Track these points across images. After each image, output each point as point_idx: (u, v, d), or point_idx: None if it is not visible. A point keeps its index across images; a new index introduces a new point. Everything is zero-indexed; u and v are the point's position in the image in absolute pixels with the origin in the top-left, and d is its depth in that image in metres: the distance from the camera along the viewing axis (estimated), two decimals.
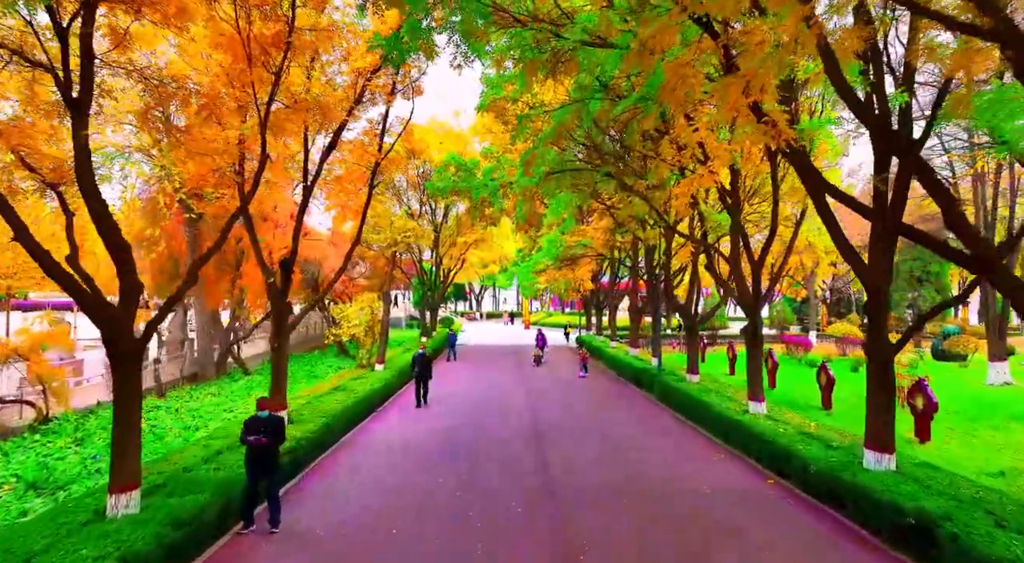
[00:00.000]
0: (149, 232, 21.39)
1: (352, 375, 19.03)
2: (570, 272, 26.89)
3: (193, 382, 21.34)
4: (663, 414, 16.30)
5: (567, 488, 9.62)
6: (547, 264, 24.24)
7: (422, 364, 16.65)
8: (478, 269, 62.39)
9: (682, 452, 12.14)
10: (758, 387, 13.33)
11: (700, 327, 20.95)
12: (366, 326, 20.83)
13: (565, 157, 14.97)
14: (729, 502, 9.02)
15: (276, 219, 19.44)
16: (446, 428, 13.69)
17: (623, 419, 14.96)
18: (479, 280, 69.32)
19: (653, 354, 22.86)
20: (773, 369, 21.03)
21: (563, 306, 71.72)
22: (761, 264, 12.70)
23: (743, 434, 12.07)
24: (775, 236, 12.39)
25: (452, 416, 15.03)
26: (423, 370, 16.66)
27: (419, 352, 16.77)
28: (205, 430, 14.66)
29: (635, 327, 26.66)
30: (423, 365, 16.66)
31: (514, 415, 15.24)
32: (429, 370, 16.84)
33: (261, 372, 24.47)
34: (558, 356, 31.53)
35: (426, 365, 16.72)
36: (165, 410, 16.35)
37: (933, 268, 40.14)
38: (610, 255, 24.58)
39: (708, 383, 17.56)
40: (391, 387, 18.49)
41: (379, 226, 21.09)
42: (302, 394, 15.67)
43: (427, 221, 36.91)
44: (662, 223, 15.38)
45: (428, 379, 16.72)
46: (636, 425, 14.43)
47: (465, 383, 20.39)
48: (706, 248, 14.81)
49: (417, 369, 16.63)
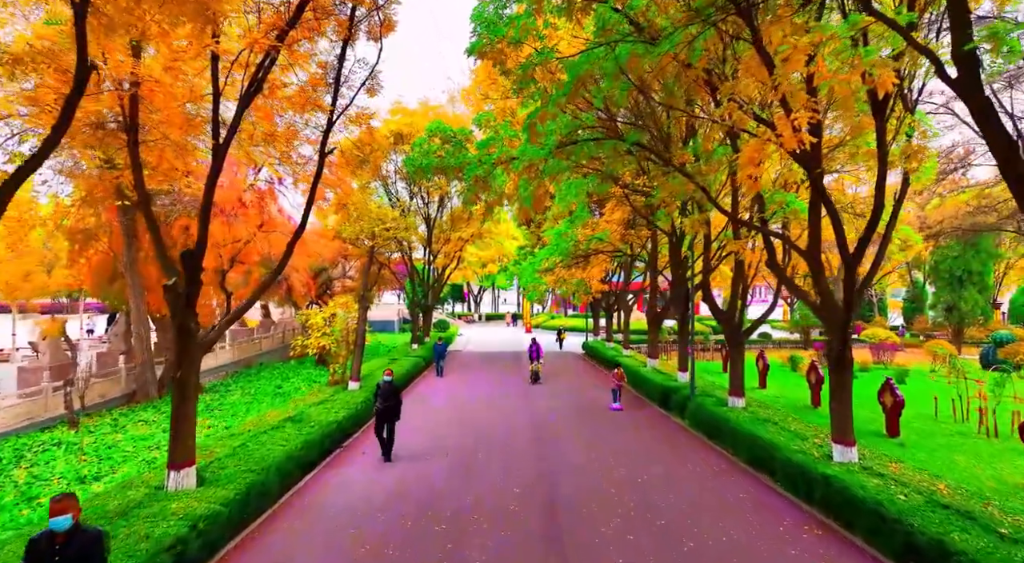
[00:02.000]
0: (83, 224, 17.93)
1: (318, 397, 15.55)
2: (580, 271, 23.39)
3: (130, 403, 17.81)
4: (705, 453, 12.78)
5: None
6: (555, 262, 20.69)
7: (386, 396, 11.58)
8: (476, 269, 59.00)
9: (755, 529, 8.56)
10: (847, 426, 9.84)
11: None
12: (339, 335, 17.38)
13: (584, 119, 11.49)
14: None
15: (225, 206, 15.95)
16: (420, 501, 9.54)
17: (661, 472, 11.28)
18: (477, 280, 65.75)
19: (680, 369, 19.36)
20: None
21: (566, 308, 68.07)
22: (859, 258, 9.19)
23: (839, 498, 8.57)
24: (879, 219, 8.87)
25: (428, 478, 10.52)
26: (388, 407, 11.53)
27: (383, 380, 11.93)
28: (109, 478, 11.15)
29: (654, 335, 23.15)
30: (387, 397, 11.58)
31: (515, 477, 10.58)
32: (396, 407, 11.70)
33: (220, 389, 20.94)
34: (555, 365, 27.97)
35: (391, 398, 11.62)
36: (66, 449, 12.76)
37: (974, 266, 36.62)
38: (628, 250, 21.06)
39: (758, 409, 14.05)
40: (361, 415, 14.98)
41: (362, 217, 17.64)
42: (247, 426, 12.16)
43: (420, 216, 33.51)
44: (708, 207, 11.86)
45: (394, 419, 11.64)
46: (682, 483, 10.72)
47: (449, 415, 16.05)
48: (768, 238, 11.29)
49: (379, 405, 11.59)
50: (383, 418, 11.57)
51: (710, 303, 15.23)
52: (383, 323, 54.88)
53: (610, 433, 14.27)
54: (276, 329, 30.75)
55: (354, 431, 14.13)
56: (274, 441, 10.66)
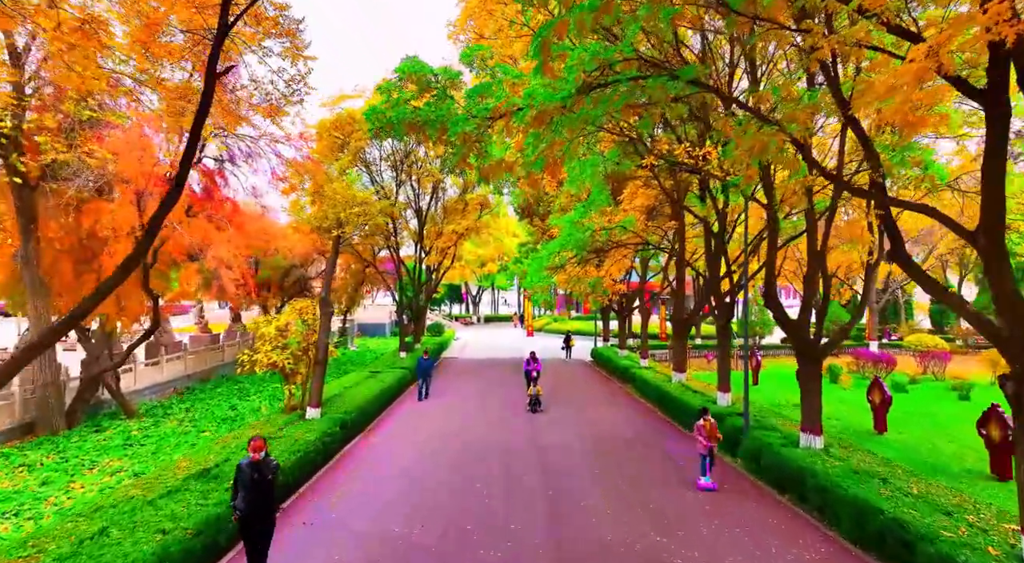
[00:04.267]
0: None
1: (263, 431, 11.89)
2: (593, 269, 19.70)
3: (26, 437, 13.99)
4: (780, 514, 9.10)
5: None
6: (567, 257, 16.92)
7: (253, 486, 6.42)
8: (475, 268, 55.32)
9: None
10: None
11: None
12: (297, 348, 13.75)
13: (622, 49, 7.83)
14: None
15: (136, 180, 12.25)
16: None
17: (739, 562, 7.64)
18: (476, 280, 62.06)
19: (721, 388, 15.71)
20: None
21: (569, 308, 64.26)
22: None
23: None
24: None
25: None
26: (255, 507, 6.44)
27: (245, 460, 6.53)
28: None
29: (681, 343, 19.48)
30: (256, 487, 6.42)
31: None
32: (268, 511, 6.64)
33: (159, 411, 17.20)
34: (560, 378, 24.26)
35: (262, 489, 6.47)
36: None
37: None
38: (658, 242, 17.29)
39: (843, 451, 10.39)
40: (314, 459, 11.30)
41: (325, 198, 13.98)
42: (124, 492, 8.46)
43: (411, 208, 29.88)
44: (809, 172, 8.19)
45: (268, 531, 6.67)
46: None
47: (422, 469, 11.19)
48: (889, 216, 7.63)
49: (239, 504, 6.45)
50: (249, 526, 6.50)
51: (775, 308, 11.57)
52: (374, 326, 51.22)
53: (643, 482, 10.62)
54: (245, 336, 27.03)
55: (299, 484, 10.45)
56: (153, 523, 6.99)
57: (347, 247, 26.72)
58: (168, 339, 24.16)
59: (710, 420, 10.58)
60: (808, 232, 10.98)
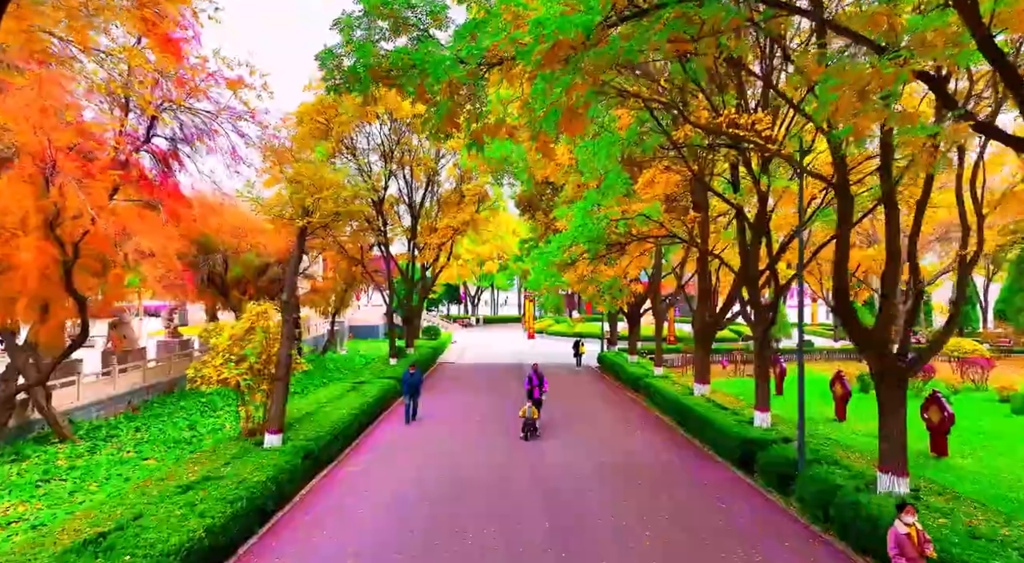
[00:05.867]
0: None
1: (207, 465, 9.51)
2: (604, 267, 17.25)
3: None
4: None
5: None
6: (580, 252, 14.37)
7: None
8: (473, 267, 52.93)
9: None
10: None
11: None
12: (257, 361, 11.33)
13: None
14: None
15: (38, 153, 9.78)
16: None
17: None
18: (475, 280, 59.65)
19: (759, 407, 13.29)
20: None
21: (571, 309, 61.74)
22: None
23: None
24: None
25: None
26: None
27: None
28: None
29: (704, 351, 17.07)
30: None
31: None
32: None
33: (101, 432, 14.67)
34: (566, 391, 21.81)
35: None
36: None
37: None
38: (684, 235, 14.74)
39: (965, 512, 7.95)
40: (261, 504, 8.86)
41: (287, 181, 11.58)
42: None
43: (403, 203, 27.47)
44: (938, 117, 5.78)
45: None
46: None
47: (403, 534, 8.31)
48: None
49: None
50: None
51: (844, 313, 9.15)
52: (367, 328, 48.74)
53: (685, 540, 8.20)
54: None
55: (235, 547, 7.98)
56: None
57: (333, 244, 24.37)
58: (131, 345, 21.75)
59: (916, 525, 6.28)
60: (889, 206, 8.53)
